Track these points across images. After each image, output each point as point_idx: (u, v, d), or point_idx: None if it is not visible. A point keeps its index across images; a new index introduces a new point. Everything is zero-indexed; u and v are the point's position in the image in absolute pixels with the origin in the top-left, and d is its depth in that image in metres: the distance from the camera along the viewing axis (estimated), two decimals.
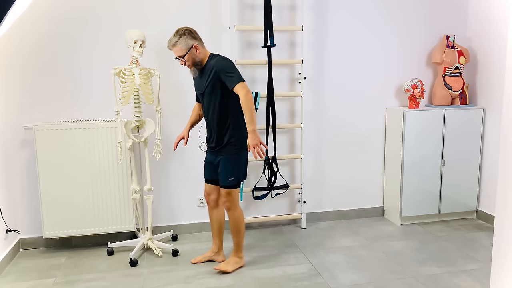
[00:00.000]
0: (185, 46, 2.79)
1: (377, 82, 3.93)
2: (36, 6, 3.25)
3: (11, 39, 3.25)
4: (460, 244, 3.43)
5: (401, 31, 3.91)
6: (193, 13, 3.51)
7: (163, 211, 3.68)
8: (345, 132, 3.94)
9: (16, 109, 3.32)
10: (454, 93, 3.88)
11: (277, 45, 3.68)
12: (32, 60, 3.30)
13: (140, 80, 3.13)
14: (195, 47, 2.81)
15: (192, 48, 2.80)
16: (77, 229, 3.33)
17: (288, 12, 3.68)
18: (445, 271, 2.98)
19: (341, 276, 2.93)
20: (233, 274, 2.98)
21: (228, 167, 2.91)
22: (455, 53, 3.85)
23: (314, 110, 3.85)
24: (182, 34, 2.79)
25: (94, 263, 3.16)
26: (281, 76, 3.74)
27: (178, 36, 2.79)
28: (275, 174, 3.63)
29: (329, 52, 3.80)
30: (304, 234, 3.70)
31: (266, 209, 3.88)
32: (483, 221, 3.94)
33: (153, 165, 3.60)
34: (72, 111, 3.40)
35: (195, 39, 2.82)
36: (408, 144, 3.74)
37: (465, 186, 3.91)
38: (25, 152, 3.36)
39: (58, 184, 3.26)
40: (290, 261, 3.16)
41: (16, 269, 3.11)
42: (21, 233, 3.44)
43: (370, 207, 4.09)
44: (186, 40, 2.79)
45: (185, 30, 2.81)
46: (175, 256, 3.27)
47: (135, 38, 3.08)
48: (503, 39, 3.67)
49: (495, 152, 3.80)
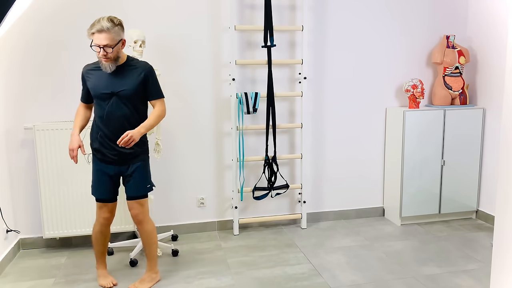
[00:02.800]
0: (117, 37, 2.50)
1: (377, 82, 3.93)
2: (36, 6, 3.25)
3: (11, 38, 3.25)
4: (460, 244, 3.43)
5: (401, 31, 3.91)
6: (193, 13, 3.51)
7: (163, 211, 3.68)
8: (345, 132, 3.94)
9: (16, 109, 3.32)
10: (454, 93, 3.88)
11: (277, 45, 3.68)
12: (32, 60, 3.30)
13: None
14: (123, 42, 2.57)
15: (120, 41, 2.54)
16: (77, 229, 3.33)
17: (288, 12, 3.69)
18: (445, 271, 2.98)
19: (341, 276, 2.93)
20: (233, 274, 2.98)
21: (145, 174, 2.72)
22: (455, 53, 3.85)
23: (314, 110, 3.85)
24: (117, 23, 2.51)
25: (94, 263, 3.16)
26: (281, 76, 3.74)
27: (112, 24, 2.48)
28: (275, 174, 3.64)
29: (329, 52, 3.80)
30: (304, 234, 3.70)
31: (266, 209, 3.88)
32: (483, 221, 3.94)
33: (153, 165, 3.60)
34: (72, 111, 3.40)
35: (123, 33, 2.58)
36: (408, 144, 3.74)
37: (465, 186, 3.91)
38: (25, 152, 3.36)
39: (58, 184, 3.26)
40: (290, 261, 3.16)
41: (16, 269, 3.11)
42: (21, 233, 3.44)
43: (370, 207, 4.09)
44: (119, 31, 2.52)
45: (120, 20, 2.55)
46: (175, 256, 3.27)
47: (135, 38, 3.07)
48: (503, 39, 3.67)
49: (495, 152, 3.80)
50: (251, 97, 3.53)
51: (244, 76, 3.67)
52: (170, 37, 3.49)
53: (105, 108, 2.60)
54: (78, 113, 2.74)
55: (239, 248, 3.41)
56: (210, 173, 3.73)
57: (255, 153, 3.78)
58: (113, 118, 2.60)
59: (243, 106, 3.53)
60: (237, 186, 3.66)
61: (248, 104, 3.53)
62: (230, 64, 3.50)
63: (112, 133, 2.61)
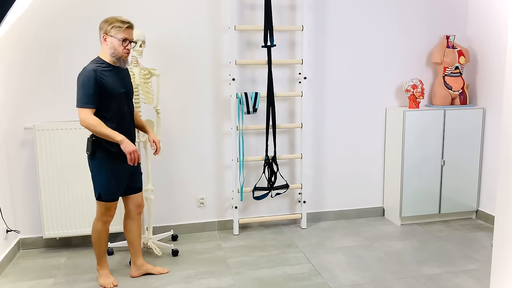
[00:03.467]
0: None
1: (377, 82, 3.93)
2: (36, 6, 3.25)
3: (11, 38, 3.25)
4: (460, 244, 3.43)
5: (401, 31, 3.91)
6: (193, 13, 3.51)
7: (163, 211, 3.68)
8: (345, 132, 3.94)
9: (16, 109, 3.32)
10: (454, 93, 3.88)
11: (277, 45, 3.68)
12: (32, 60, 3.30)
13: (140, 80, 3.13)
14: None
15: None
16: (77, 229, 3.33)
17: (288, 12, 3.68)
18: (445, 271, 2.98)
19: (341, 276, 2.93)
20: (233, 274, 2.98)
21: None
22: (455, 53, 3.85)
23: (314, 110, 3.85)
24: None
25: (94, 263, 3.16)
26: (281, 76, 3.74)
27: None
28: (275, 174, 3.63)
29: (329, 52, 3.80)
30: (304, 234, 3.70)
31: (266, 209, 3.88)
32: (483, 221, 3.94)
33: (153, 165, 3.60)
34: (72, 111, 3.40)
35: None
36: (408, 144, 3.74)
37: (465, 186, 3.91)
38: (25, 152, 3.36)
39: (58, 184, 3.26)
40: (290, 261, 3.16)
41: (16, 269, 3.11)
42: (21, 233, 3.44)
43: (370, 207, 4.09)
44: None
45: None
46: (175, 256, 3.27)
47: (135, 38, 3.07)
48: (503, 39, 3.67)
49: (495, 152, 3.80)
50: (251, 97, 3.53)
51: (244, 76, 3.67)
52: (170, 37, 3.49)
53: (124, 107, 2.67)
54: (101, 123, 2.52)
55: (239, 248, 3.41)
56: (210, 173, 3.73)
57: (255, 153, 3.78)
58: (130, 116, 2.74)
59: (243, 106, 3.53)
60: (237, 186, 3.66)
61: (248, 104, 3.53)
62: (230, 64, 3.50)
63: (131, 131, 2.74)
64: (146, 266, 2.95)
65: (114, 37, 2.55)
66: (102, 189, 2.66)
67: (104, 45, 2.60)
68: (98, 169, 2.64)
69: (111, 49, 2.58)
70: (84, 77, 2.50)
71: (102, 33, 2.58)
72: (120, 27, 2.55)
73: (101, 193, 2.67)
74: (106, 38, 2.57)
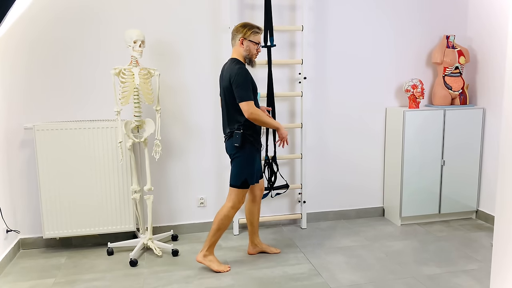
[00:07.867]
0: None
1: (377, 82, 3.93)
2: (37, 6, 3.25)
3: (11, 39, 3.25)
4: (460, 244, 3.43)
5: (401, 31, 3.91)
6: (193, 13, 3.51)
7: (163, 211, 3.68)
8: (345, 132, 3.94)
9: (16, 109, 3.32)
10: (454, 93, 3.88)
11: (277, 45, 3.68)
12: (32, 60, 3.30)
13: (140, 80, 3.13)
14: None
15: None
16: (77, 229, 3.33)
17: (288, 12, 3.69)
18: (445, 271, 2.98)
19: (341, 276, 2.93)
20: (233, 274, 2.98)
21: None
22: (455, 53, 3.85)
23: (314, 110, 3.85)
24: None
25: (94, 263, 3.16)
26: (281, 76, 3.74)
27: None
28: (275, 174, 3.63)
29: (329, 52, 3.80)
30: (304, 234, 3.70)
31: (266, 209, 3.88)
32: (483, 221, 3.94)
33: (153, 165, 3.60)
34: (72, 111, 3.40)
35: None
36: (408, 144, 3.74)
37: (465, 186, 3.91)
38: (25, 152, 3.36)
39: (58, 184, 3.26)
40: (290, 261, 3.16)
41: (16, 269, 3.11)
42: (21, 233, 3.44)
43: (370, 207, 4.09)
44: None
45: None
46: (175, 256, 3.28)
47: (135, 38, 3.07)
48: (503, 39, 3.67)
49: (495, 152, 3.80)
50: None
51: None
52: (170, 37, 3.49)
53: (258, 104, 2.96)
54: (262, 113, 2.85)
55: (239, 248, 3.41)
56: (210, 173, 3.73)
57: None
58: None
59: None
60: None
61: None
62: None
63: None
64: (262, 245, 3.26)
65: (251, 40, 2.86)
66: (248, 176, 2.93)
67: (240, 47, 2.88)
68: (246, 159, 2.91)
69: (247, 51, 2.88)
70: (245, 76, 2.81)
71: (240, 37, 2.85)
72: (258, 32, 2.87)
73: (247, 178, 2.92)
74: (243, 41, 2.86)
